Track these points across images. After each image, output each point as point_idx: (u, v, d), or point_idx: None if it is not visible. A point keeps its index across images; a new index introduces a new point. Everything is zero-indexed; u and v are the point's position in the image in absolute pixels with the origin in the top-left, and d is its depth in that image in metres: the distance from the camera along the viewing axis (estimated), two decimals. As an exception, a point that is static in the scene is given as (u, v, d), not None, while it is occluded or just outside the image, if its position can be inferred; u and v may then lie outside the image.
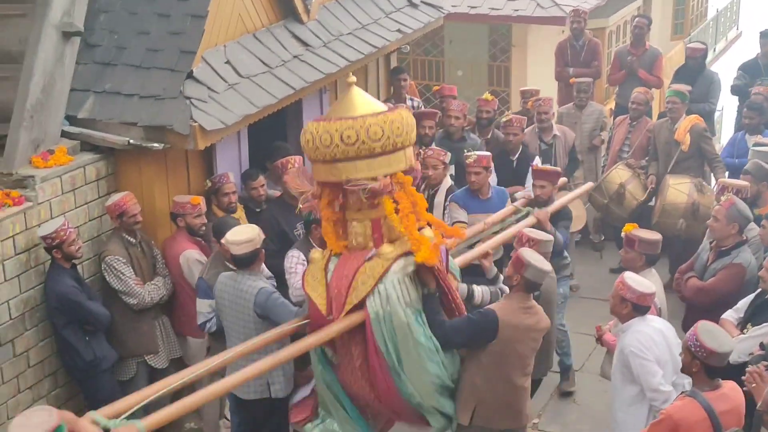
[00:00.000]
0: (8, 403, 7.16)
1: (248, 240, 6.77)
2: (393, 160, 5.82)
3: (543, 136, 10.59)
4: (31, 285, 7.26)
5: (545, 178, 8.46)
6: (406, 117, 5.85)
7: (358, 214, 5.95)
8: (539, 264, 6.23)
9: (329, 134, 5.68)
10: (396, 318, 5.80)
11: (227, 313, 6.91)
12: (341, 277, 5.91)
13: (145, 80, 7.89)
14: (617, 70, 12.63)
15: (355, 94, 5.91)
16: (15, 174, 7.29)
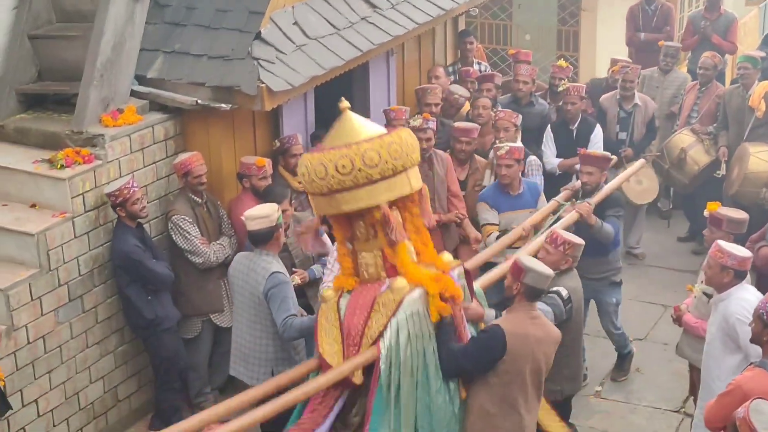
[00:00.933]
0: (77, 358, 7.30)
1: (264, 215, 6.55)
2: (395, 184, 5.49)
3: (624, 104, 10.39)
4: (100, 242, 7.36)
5: (593, 163, 7.88)
6: (405, 138, 5.52)
7: (367, 244, 5.69)
8: (539, 268, 5.77)
9: (323, 165, 5.39)
10: (403, 354, 5.48)
11: (238, 291, 6.73)
12: (353, 312, 5.64)
13: (214, 41, 7.92)
14: (690, 36, 12.35)
15: (348, 120, 5.63)
16: (85, 132, 7.38)
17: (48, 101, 8.00)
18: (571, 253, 6.70)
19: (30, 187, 7.20)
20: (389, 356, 5.50)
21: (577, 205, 7.63)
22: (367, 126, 5.66)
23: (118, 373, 7.71)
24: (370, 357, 5.55)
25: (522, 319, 5.71)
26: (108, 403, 7.65)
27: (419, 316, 5.55)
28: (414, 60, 10.38)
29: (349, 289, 5.78)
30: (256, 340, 6.67)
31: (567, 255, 6.68)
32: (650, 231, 11.02)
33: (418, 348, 5.54)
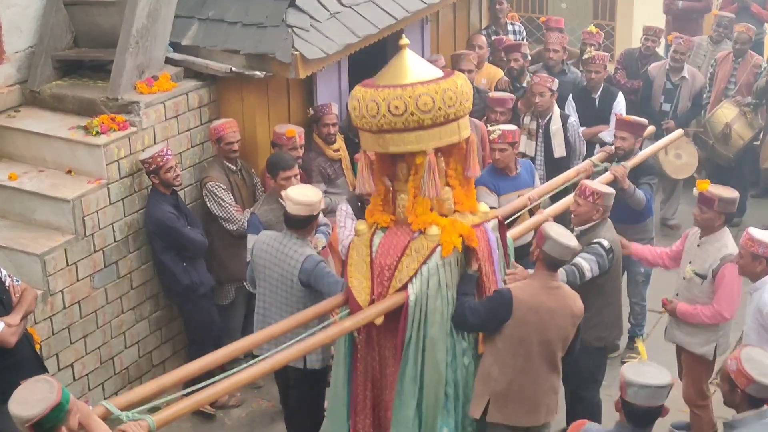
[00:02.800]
0: (112, 323, 7.38)
1: (307, 203, 6.36)
2: (444, 132, 5.44)
3: (671, 75, 10.28)
4: (135, 209, 7.41)
5: (628, 129, 7.84)
6: (461, 85, 5.46)
7: (406, 185, 5.63)
8: (561, 238, 5.63)
9: (376, 103, 5.33)
10: (431, 303, 5.51)
11: (266, 273, 6.53)
12: (386, 252, 5.62)
13: (248, 8, 7.90)
14: (730, 3, 12.18)
15: (406, 59, 5.54)
16: (120, 99, 7.40)
17: (83, 68, 8.02)
18: (601, 202, 6.66)
19: (66, 154, 7.25)
20: (418, 303, 5.52)
21: (613, 167, 7.62)
22: (424, 67, 5.59)
23: (152, 338, 7.79)
24: (399, 301, 5.55)
25: (537, 288, 5.67)
26: (143, 368, 7.73)
27: (451, 266, 5.56)
28: (449, 27, 10.31)
29: (383, 226, 5.73)
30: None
31: (597, 205, 6.66)
32: (687, 204, 10.91)
33: (448, 296, 5.56)
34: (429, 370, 5.58)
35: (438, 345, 5.55)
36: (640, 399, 4.69)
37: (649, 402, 4.70)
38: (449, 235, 5.51)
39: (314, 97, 8.49)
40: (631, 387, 4.71)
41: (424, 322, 5.54)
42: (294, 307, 6.43)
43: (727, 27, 11.10)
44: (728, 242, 6.67)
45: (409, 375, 5.59)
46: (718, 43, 11.11)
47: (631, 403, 4.72)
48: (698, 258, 6.76)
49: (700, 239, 6.79)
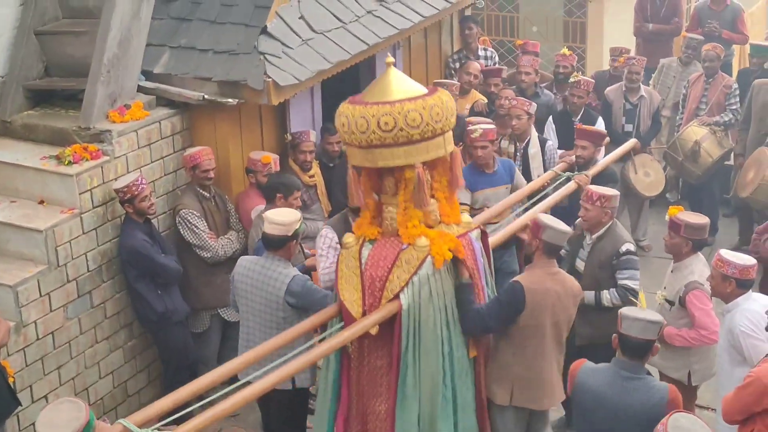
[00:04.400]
0: (86, 353, 7.33)
1: (281, 223, 6.44)
2: (432, 146, 5.63)
3: (629, 96, 10.38)
4: (108, 238, 7.38)
5: (587, 138, 8.18)
6: (446, 101, 5.64)
7: (393, 198, 5.80)
8: (557, 225, 6.02)
9: (365, 119, 5.49)
10: (424, 311, 5.67)
11: (248, 298, 6.58)
12: (377, 264, 5.77)
13: (220, 35, 7.93)
14: (695, 26, 12.31)
15: (392, 76, 5.71)
16: (92, 128, 7.39)
17: (55, 97, 8.01)
18: (608, 205, 6.95)
19: (38, 184, 7.22)
20: (410, 312, 5.67)
21: (576, 176, 7.85)
22: (410, 84, 5.76)
23: (127, 368, 7.74)
24: (392, 310, 5.70)
25: (541, 275, 5.97)
26: (118, 398, 7.68)
27: (440, 275, 5.73)
28: (420, 52, 10.37)
29: (371, 238, 5.89)
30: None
31: (605, 208, 6.96)
32: (658, 223, 10.99)
33: (440, 305, 5.74)
34: (425, 378, 5.75)
35: (431, 353, 5.72)
36: (633, 331, 5.27)
37: (641, 334, 5.27)
38: (439, 247, 5.68)
39: (287, 124, 8.50)
40: (625, 320, 5.30)
41: (418, 330, 5.71)
42: (279, 329, 6.45)
43: (696, 49, 11.23)
44: (696, 269, 6.72)
45: (409, 383, 5.75)
46: (687, 65, 11.25)
47: (626, 335, 5.29)
48: (670, 284, 6.85)
49: (673, 265, 6.86)
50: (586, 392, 5.39)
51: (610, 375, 5.35)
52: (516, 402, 6.03)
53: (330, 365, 6.08)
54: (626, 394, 5.26)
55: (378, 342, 5.84)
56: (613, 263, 6.94)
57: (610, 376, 5.34)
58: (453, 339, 5.80)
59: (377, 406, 5.95)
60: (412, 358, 5.73)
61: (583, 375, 5.46)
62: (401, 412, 5.77)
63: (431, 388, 5.76)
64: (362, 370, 5.99)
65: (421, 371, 5.74)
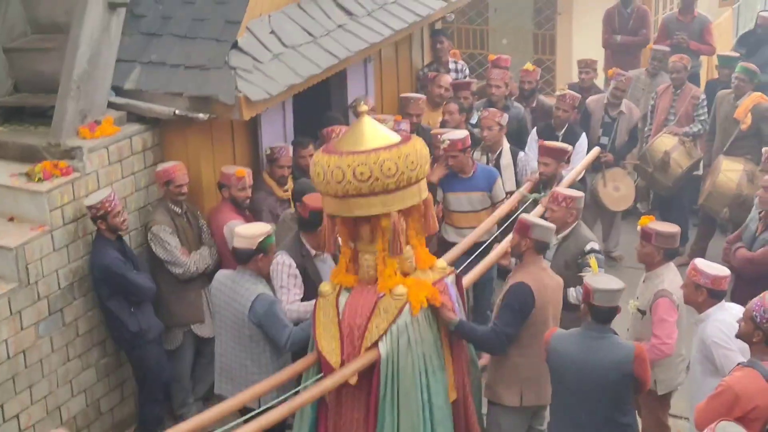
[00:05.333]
0: (58, 371, 7.26)
1: (245, 236, 6.48)
2: (407, 195, 5.69)
3: (609, 110, 10.43)
4: (79, 255, 7.32)
5: (550, 155, 8.27)
6: (420, 149, 5.69)
7: (370, 246, 5.84)
8: (543, 223, 6.32)
9: (341, 170, 5.52)
10: (402, 360, 5.69)
11: (221, 313, 6.65)
12: (354, 313, 5.79)
13: (191, 50, 7.90)
14: (663, 38, 12.42)
15: (366, 125, 5.75)
16: (63, 145, 7.34)
17: (24, 114, 7.96)
18: (574, 205, 7.18)
19: (8, 201, 7.16)
20: (389, 360, 5.68)
21: (542, 199, 7.90)
22: (384, 132, 5.79)
23: (100, 386, 7.67)
24: (371, 359, 5.72)
25: (537, 272, 6.24)
26: (91, 417, 7.61)
27: (419, 323, 5.75)
28: (391, 66, 10.39)
29: (348, 287, 5.89)
30: (240, 360, 6.61)
31: (570, 209, 7.18)
32: (629, 233, 11.03)
33: (419, 352, 5.75)
34: (404, 426, 5.74)
35: (411, 398, 5.73)
36: (604, 301, 5.74)
37: (610, 303, 5.77)
38: (416, 294, 5.73)
39: (259, 138, 8.49)
40: (597, 293, 5.74)
41: (397, 378, 5.71)
42: (245, 346, 6.46)
43: (662, 60, 11.33)
44: (666, 278, 6.75)
45: (387, 430, 5.74)
46: (654, 77, 11.34)
47: (597, 306, 5.76)
48: (642, 294, 6.89)
49: (645, 274, 6.91)
50: (558, 356, 5.82)
51: (579, 337, 5.81)
52: (526, 402, 6.22)
53: (304, 416, 6.06)
54: (594, 353, 5.73)
55: (356, 393, 5.85)
56: (578, 262, 7.14)
57: (580, 338, 5.80)
58: (432, 387, 5.82)
59: None
60: (390, 406, 5.73)
61: (555, 340, 5.86)
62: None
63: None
64: (339, 421, 5.97)
65: (401, 420, 5.74)
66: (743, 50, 11.87)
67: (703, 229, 10.47)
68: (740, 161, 9.84)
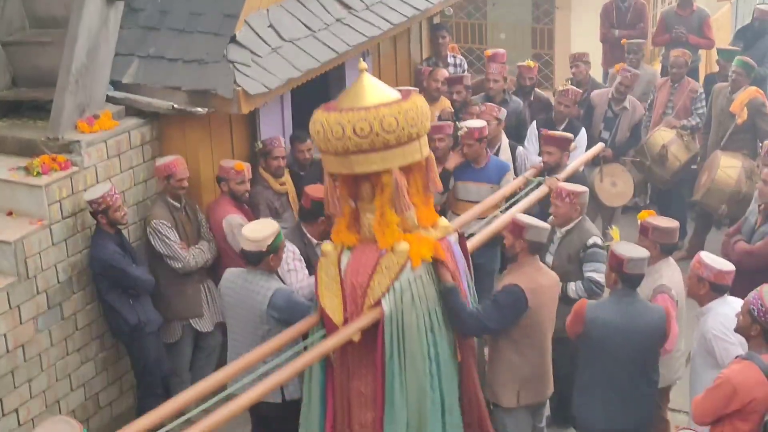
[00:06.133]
0: (57, 365, 7.26)
1: (255, 239, 6.37)
2: (408, 151, 5.67)
3: (613, 105, 10.41)
4: (78, 249, 7.32)
5: (554, 143, 8.29)
6: (421, 105, 5.67)
7: (371, 205, 5.81)
8: (538, 223, 6.27)
9: (341, 126, 5.50)
10: (407, 317, 5.69)
11: (234, 311, 6.57)
12: (356, 271, 5.78)
13: (189, 44, 7.89)
14: (662, 32, 12.42)
15: (366, 82, 5.73)
16: (61, 139, 7.34)
17: (23, 108, 7.95)
18: (578, 201, 7.17)
19: (6, 195, 7.15)
20: (393, 318, 5.67)
21: (547, 179, 7.96)
22: (384, 89, 5.78)
23: (99, 379, 7.68)
24: (375, 317, 5.70)
25: (531, 273, 6.21)
26: (90, 410, 7.61)
27: (422, 280, 5.75)
28: (390, 59, 10.38)
29: (349, 245, 5.89)
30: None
31: (574, 205, 7.17)
32: (628, 227, 11.03)
33: (423, 309, 5.75)
34: (411, 383, 5.75)
35: (417, 357, 5.74)
36: (636, 269, 6.12)
37: (641, 270, 6.17)
38: (418, 248, 5.71)
39: (257, 132, 8.48)
40: (630, 261, 6.08)
41: (402, 336, 5.71)
42: (264, 340, 6.39)
43: (637, 52, 11.24)
44: (665, 273, 6.75)
45: (396, 390, 5.74)
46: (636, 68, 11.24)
47: (629, 273, 6.12)
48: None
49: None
50: (602, 324, 6.07)
51: (616, 305, 6.12)
52: (523, 401, 6.22)
53: (314, 376, 6.06)
54: (634, 317, 6.07)
55: (362, 350, 5.84)
56: (580, 256, 7.14)
57: (617, 305, 6.12)
58: (438, 342, 5.83)
59: (364, 416, 5.92)
60: (398, 364, 5.73)
61: (592, 312, 6.12)
62: (390, 420, 5.77)
63: (418, 393, 5.76)
64: (347, 380, 5.97)
65: (407, 377, 5.74)
66: (741, 44, 11.86)
67: (700, 224, 10.47)
68: (738, 157, 9.84)
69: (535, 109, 10.50)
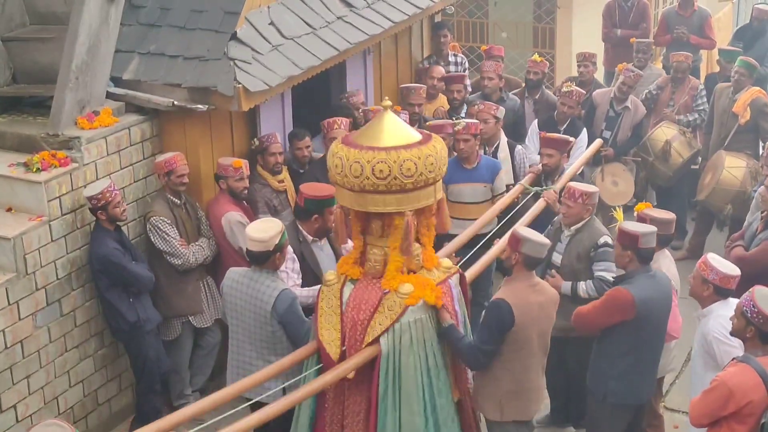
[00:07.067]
0: (55, 362, 7.26)
1: (258, 239, 6.34)
2: (423, 195, 5.65)
3: (615, 104, 10.41)
4: (77, 245, 7.32)
5: (553, 146, 8.24)
6: (440, 150, 5.64)
7: (379, 240, 5.81)
8: (536, 238, 6.07)
9: (360, 165, 5.47)
10: (404, 358, 5.67)
11: (237, 311, 6.52)
12: (358, 307, 5.76)
13: (190, 41, 7.88)
14: (663, 32, 12.42)
15: (387, 120, 5.69)
16: (61, 135, 7.33)
17: (23, 104, 7.95)
18: (590, 201, 7.14)
19: (6, 191, 7.15)
20: (390, 357, 5.67)
21: (544, 193, 7.95)
22: (405, 129, 5.74)
23: (97, 376, 7.67)
24: (372, 355, 5.70)
25: (523, 289, 6.00)
26: (88, 407, 7.61)
27: (422, 322, 5.74)
28: (391, 57, 10.37)
29: (353, 278, 5.86)
30: (263, 357, 6.47)
31: (587, 205, 7.13)
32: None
33: (421, 353, 5.73)
34: (406, 424, 5.72)
35: (412, 398, 5.71)
36: (650, 243, 6.35)
37: (653, 244, 6.39)
38: (422, 292, 5.70)
39: (258, 130, 8.47)
40: (644, 236, 6.30)
41: (398, 375, 5.69)
42: (268, 342, 6.41)
43: (646, 52, 11.29)
44: (663, 264, 6.77)
45: (389, 428, 5.72)
46: (641, 70, 11.24)
47: (644, 248, 6.33)
48: None
49: None
50: (649, 302, 6.26)
51: (646, 281, 6.32)
52: (506, 417, 6.08)
53: (302, 408, 6.05)
54: (660, 289, 6.35)
55: (358, 386, 5.84)
56: (590, 255, 7.09)
57: (646, 281, 6.32)
58: (434, 385, 5.80)
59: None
60: (391, 404, 5.71)
61: (638, 293, 6.23)
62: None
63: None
64: (339, 413, 5.96)
65: (401, 419, 5.72)
66: (740, 44, 11.87)
67: (701, 224, 10.47)
68: (743, 157, 9.85)
69: (540, 108, 10.47)
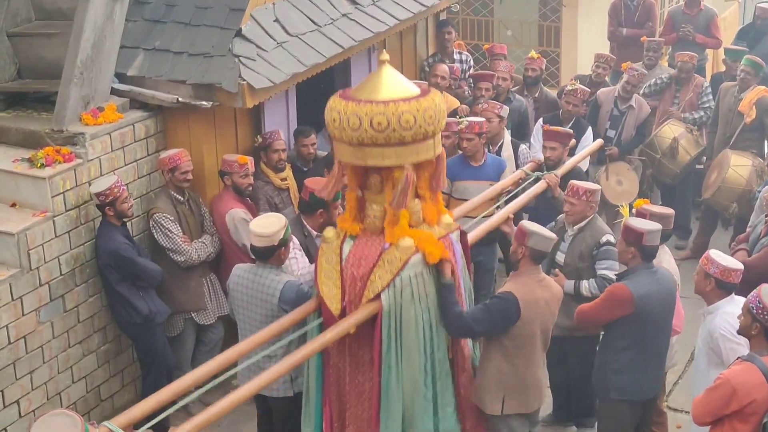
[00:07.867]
0: (58, 357, 7.26)
1: (263, 235, 6.34)
2: (422, 148, 5.60)
3: (619, 103, 10.39)
4: (81, 241, 7.32)
5: (556, 139, 8.28)
6: (439, 103, 5.61)
7: (378, 196, 5.77)
8: (543, 231, 6.08)
9: (358, 117, 5.43)
10: (406, 313, 5.66)
11: (244, 306, 6.54)
12: (358, 262, 5.75)
13: (194, 38, 7.89)
14: (669, 31, 12.40)
15: (386, 74, 5.66)
16: (65, 131, 7.33)
17: (28, 100, 7.95)
18: (593, 199, 7.17)
19: (10, 186, 7.16)
20: (391, 313, 5.65)
21: (546, 175, 7.98)
22: (404, 83, 5.70)
23: (100, 372, 7.68)
24: (373, 310, 5.68)
25: (530, 284, 6.02)
26: (91, 403, 7.62)
27: (423, 278, 5.72)
28: (396, 55, 10.36)
29: (352, 234, 5.85)
30: (274, 351, 6.31)
31: (590, 202, 7.17)
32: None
33: (422, 306, 5.72)
34: (407, 378, 5.74)
35: (413, 354, 5.72)
36: (654, 240, 6.34)
37: (657, 241, 6.40)
38: (425, 246, 5.67)
39: (262, 126, 8.48)
40: (649, 234, 6.31)
41: (399, 330, 5.69)
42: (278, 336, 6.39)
43: (657, 51, 11.29)
44: (663, 259, 6.77)
45: (393, 382, 5.73)
46: (651, 68, 11.25)
47: (648, 245, 6.34)
48: None
49: None
50: (649, 298, 6.26)
51: (647, 277, 6.31)
52: (507, 410, 6.08)
53: (311, 369, 6.06)
54: (662, 285, 6.34)
55: (360, 340, 5.84)
56: (593, 254, 7.11)
57: (648, 277, 6.32)
58: (435, 340, 5.80)
59: (361, 408, 5.91)
60: (394, 359, 5.72)
61: (637, 289, 6.24)
62: (386, 413, 5.77)
63: (412, 389, 5.76)
64: (344, 372, 5.97)
65: (403, 371, 5.73)
66: (743, 43, 11.86)
67: (705, 224, 10.46)
68: (748, 156, 9.84)
69: (540, 106, 10.49)
